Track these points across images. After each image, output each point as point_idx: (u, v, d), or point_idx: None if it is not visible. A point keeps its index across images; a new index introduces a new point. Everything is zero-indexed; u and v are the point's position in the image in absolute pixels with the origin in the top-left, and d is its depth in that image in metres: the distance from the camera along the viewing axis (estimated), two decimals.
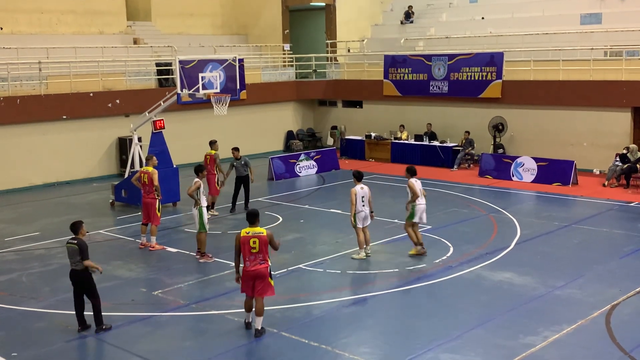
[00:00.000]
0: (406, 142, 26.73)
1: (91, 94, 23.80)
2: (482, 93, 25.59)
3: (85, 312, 10.83)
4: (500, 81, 25.13)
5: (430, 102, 27.34)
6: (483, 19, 29.33)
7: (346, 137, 28.71)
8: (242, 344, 10.37)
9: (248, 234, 10.38)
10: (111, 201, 20.06)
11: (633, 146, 21.43)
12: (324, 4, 32.74)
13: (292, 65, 31.24)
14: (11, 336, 10.85)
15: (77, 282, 10.70)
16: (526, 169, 22.52)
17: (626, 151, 21.35)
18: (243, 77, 20.39)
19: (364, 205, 14.07)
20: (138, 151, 20.15)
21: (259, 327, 10.53)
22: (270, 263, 10.57)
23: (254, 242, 10.31)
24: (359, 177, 14.27)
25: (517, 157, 23.09)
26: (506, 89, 25.09)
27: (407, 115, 27.89)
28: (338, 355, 9.95)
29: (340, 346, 10.19)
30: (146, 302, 12.20)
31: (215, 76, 18.63)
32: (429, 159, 25.56)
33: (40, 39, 25.64)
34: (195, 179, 14.30)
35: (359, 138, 28.11)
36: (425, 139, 26.26)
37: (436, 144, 25.93)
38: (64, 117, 23.26)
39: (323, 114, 31.46)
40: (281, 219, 17.76)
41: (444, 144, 25.71)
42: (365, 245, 14.31)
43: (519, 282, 12.83)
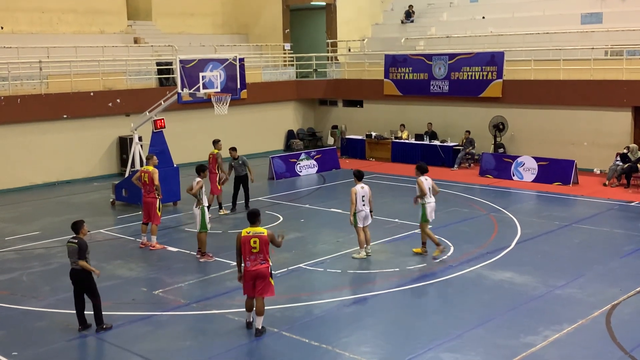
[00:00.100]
0: (407, 141, 26.73)
1: (92, 94, 23.79)
2: (483, 92, 25.58)
3: (86, 312, 10.82)
4: (501, 81, 25.12)
5: (431, 101, 27.33)
6: (484, 18, 29.34)
7: (347, 137, 28.68)
8: (242, 344, 10.36)
9: (249, 233, 10.37)
10: (112, 200, 20.06)
11: (633, 145, 21.41)
12: (324, 4, 32.73)
13: (292, 65, 31.24)
14: (11, 335, 10.85)
15: (77, 282, 10.70)
16: (527, 169, 22.52)
17: (627, 150, 21.33)
18: (243, 77, 20.41)
19: (364, 205, 14.07)
20: (138, 150, 20.14)
21: (260, 327, 10.52)
22: (271, 263, 10.56)
23: (255, 242, 10.30)
24: (359, 176, 14.26)
25: (518, 157, 23.09)
26: (507, 88, 25.08)
27: (407, 114, 27.88)
28: (338, 354, 9.94)
29: (341, 346, 10.19)
30: (147, 302, 12.19)
31: (215, 75, 18.63)
32: (429, 158, 25.39)
33: (41, 38, 25.65)
34: (197, 179, 14.28)
35: (360, 137, 28.10)
36: (425, 138, 26.25)
37: (437, 143, 25.93)
38: (64, 116, 23.26)
39: (323, 114, 31.45)
40: (282, 219, 17.76)
41: (445, 144, 25.71)
42: (365, 245, 14.30)
43: (520, 281, 12.82)
